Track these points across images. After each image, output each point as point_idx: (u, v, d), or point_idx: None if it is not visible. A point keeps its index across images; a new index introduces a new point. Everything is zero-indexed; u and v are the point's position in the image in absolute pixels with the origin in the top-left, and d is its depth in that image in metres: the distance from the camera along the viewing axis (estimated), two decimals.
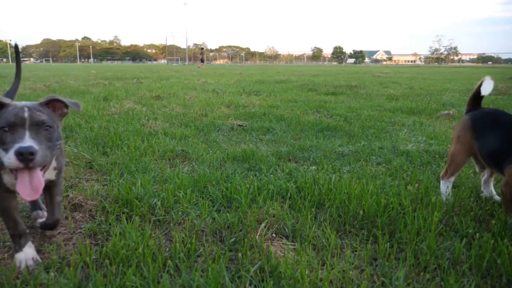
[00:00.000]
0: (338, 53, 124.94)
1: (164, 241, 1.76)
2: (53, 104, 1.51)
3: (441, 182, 2.24)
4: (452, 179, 2.20)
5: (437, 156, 3.26)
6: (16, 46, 2.32)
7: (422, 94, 8.93)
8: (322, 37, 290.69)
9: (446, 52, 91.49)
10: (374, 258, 1.61)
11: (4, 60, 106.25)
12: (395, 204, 1.98)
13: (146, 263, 1.49)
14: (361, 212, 1.94)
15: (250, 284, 1.38)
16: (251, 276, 1.42)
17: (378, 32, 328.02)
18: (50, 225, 1.74)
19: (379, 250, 1.62)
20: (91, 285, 1.31)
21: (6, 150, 1.29)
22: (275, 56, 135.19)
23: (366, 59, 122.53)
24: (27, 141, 1.27)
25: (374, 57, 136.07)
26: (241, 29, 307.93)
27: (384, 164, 3.03)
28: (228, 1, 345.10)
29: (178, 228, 1.90)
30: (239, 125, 4.72)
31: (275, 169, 2.86)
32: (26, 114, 1.33)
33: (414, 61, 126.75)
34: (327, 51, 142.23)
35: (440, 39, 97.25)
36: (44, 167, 1.38)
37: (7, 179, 1.49)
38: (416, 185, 2.33)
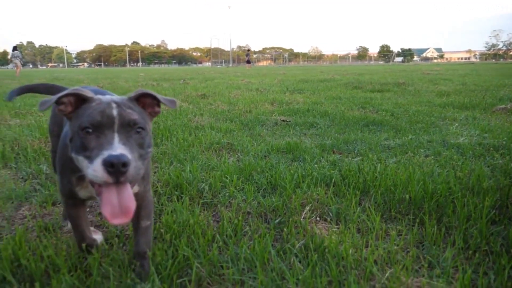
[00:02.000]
0: (385, 52, 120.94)
1: (212, 221, 1.86)
2: (143, 101, 1.23)
3: None
4: None
5: (491, 148, 3.10)
6: None
7: (477, 90, 8.45)
8: (368, 36, 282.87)
9: (504, 48, 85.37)
10: (420, 242, 1.59)
11: (61, 65, 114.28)
12: (444, 190, 1.93)
13: (197, 237, 1.58)
14: (407, 197, 1.91)
15: (295, 257, 1.43)
16: (296, 252, 1.47)
17: (428, 29, 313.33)
18: (134, 257, 1.41)
19: (426, 234, 1.60)
20: (150, 254, 1.42)
21: (89, 158, 1.02)
22: (319, 57, 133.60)
23: (415, 58, 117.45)
24: (118, 148, 1.00)
25: (424, 55, 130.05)
26: (284, 30, 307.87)
27: (433, 156, 2.93)
28: (272, 2, 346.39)
29: (225, 210, 1.99)
30: (283, 120, 4.77)
31: (319, 159, 2.88)
32: (114, 112, 1.08)
33: (468, 58, 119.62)
34: (373, 50, 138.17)
35: (497, 34, 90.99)
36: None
37: (85, 193, 1.28)
38: (467, 173, 2.24)
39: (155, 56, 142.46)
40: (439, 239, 1.54)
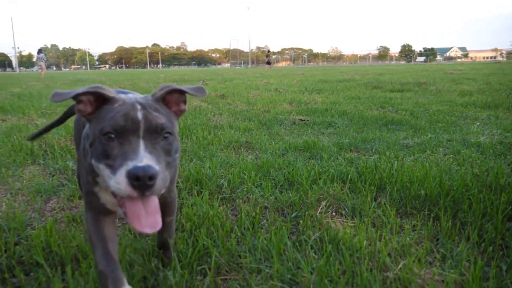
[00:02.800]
0: (407, 52, 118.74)
1: (230, 215, 1.92)
2: (169, 98, 1.12)
3: None
4: None
5: None
6: None
7: (501, 89, 8.24)
8: (389, 35, 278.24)
9: None
10: (435, 237, 1.61)
11: (83, 67, 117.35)
12: (460, 186, 1.94)
13: (216, 228, 1.65)
14: (423, 193, 1.93)
15: (310, 249, 1.48)
16: (311, 243, 1.51)
17: (451, 27, 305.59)
18: (158, 246, 1.45)
19: (441, 229, 1.62)
20: (172, 242, 1.50)
21: (112, 167, 0.93)
22: (339, 57, 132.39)
23: (438, 57, 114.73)
24: (144, 157, 0.91)
25: (447, 54, 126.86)
26: (303, 31, 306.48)
27: (451, 155, 2.91)
28: (291, 2, 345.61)
29: (243, 204, 2.05)
30: (301, 119, 4.80)
31: (336, 157, 2.91)
32: (139, 115, 0.97)
33: (495, 57, 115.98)
34: (395, 50, 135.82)
35: None
36: None
37: (106, 196, 1.14)
38: (485, 171, 2.23)
39: (175, 57, 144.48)
40: (453, 233, 1.56)
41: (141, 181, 0.88)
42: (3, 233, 1.71)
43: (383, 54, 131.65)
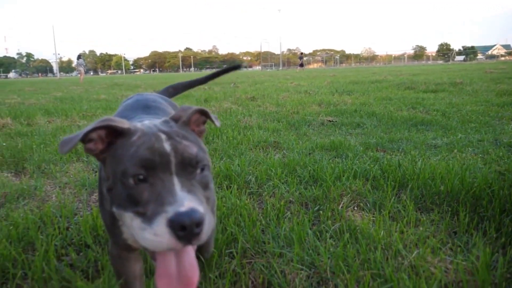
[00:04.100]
0: (445, 51, 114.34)
1: (257, 208, 2.05)
2: (190, 119, 0.97)
3: None
4: None
5: None
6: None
7: None
8: (426, 34, 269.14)
9: None
10: (453, 231, 1.66)
11: (119, 71, 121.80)
12: (481, 183, 1.97)
13: (243, 218, 1.79)
14: (443, 189, 1.97)
15: (330, 238, 1.58)
16: (331, 233, 1.62)
17: (494, 24, 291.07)
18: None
19: (459, 224, 1.67)
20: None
21: (144, 216, 0.77)
22: (372, 58, 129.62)
23: (479, 56, 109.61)
24: (184, 199, 0.76)
25: (489, 52, 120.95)
26: (335, 31, 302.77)
27: (480, 155, 2.90)
28: (322, 3, 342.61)
29: (269, 199, 2.17)
30: (329, 120, 4.86)
31: (361, 156, 2.97)
32: (167, 147, 0.82)
33: None
34: (431, 49, 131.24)
35: None
36: None
37: (128, 234, 0.96)
38: (508, 170, 2.23)
39: (207, 61, 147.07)
40: (471, 227, 1.61)
41: (188, 230, 0.73)
42: (56, 219, 1.93)
43: (419, 53, 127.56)
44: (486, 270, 1.19)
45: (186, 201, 0.75)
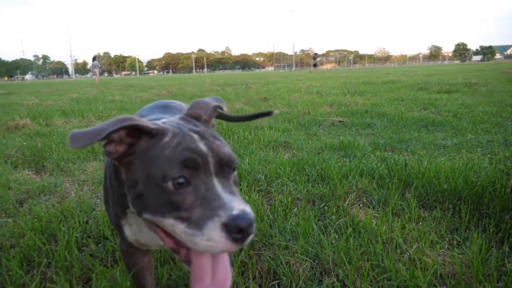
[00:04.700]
0: (461, 51, 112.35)
1: (266, 204, 2.14)
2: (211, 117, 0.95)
3: None
4: None
5: None
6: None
7: None
8: (441, 34, 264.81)
9: None
10: (454, 227, 1.71)
11: (133, 73, 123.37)
12: (484, 181, 2.01)
13: None
14: (446, 187, 2.02)
15: (334, 232, 1.65)
16: (335, 228, 1.69)
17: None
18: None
19: (460, 220, 1.72)
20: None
21: (190, 221, 0.74)
22: (386, 58, 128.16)
23: (498, 55, 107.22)
24: (232, 201, 0.75)
25: (508, 52, 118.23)
26: (349, 32, 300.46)
27: (488, 155, 2.92)
28: (336, 3, 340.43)
29: (278, 196, 2.26)
30: (340, 121, 4.91)
31: (369, 156, 3.02)
32: (202, 147, 0.80)
33: None
34: (447, 49, 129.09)
35: None
36: None
37: (130, 233, 0.98)
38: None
39: (220, 62, 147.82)
40: (471, 224, 1.66)
41: (245, 232, 0.72)
42: (76, 213, 2.05)
43: (435, 53, 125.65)
44: (480, 263, 1.25)
45: (234, 203, 0.74)
